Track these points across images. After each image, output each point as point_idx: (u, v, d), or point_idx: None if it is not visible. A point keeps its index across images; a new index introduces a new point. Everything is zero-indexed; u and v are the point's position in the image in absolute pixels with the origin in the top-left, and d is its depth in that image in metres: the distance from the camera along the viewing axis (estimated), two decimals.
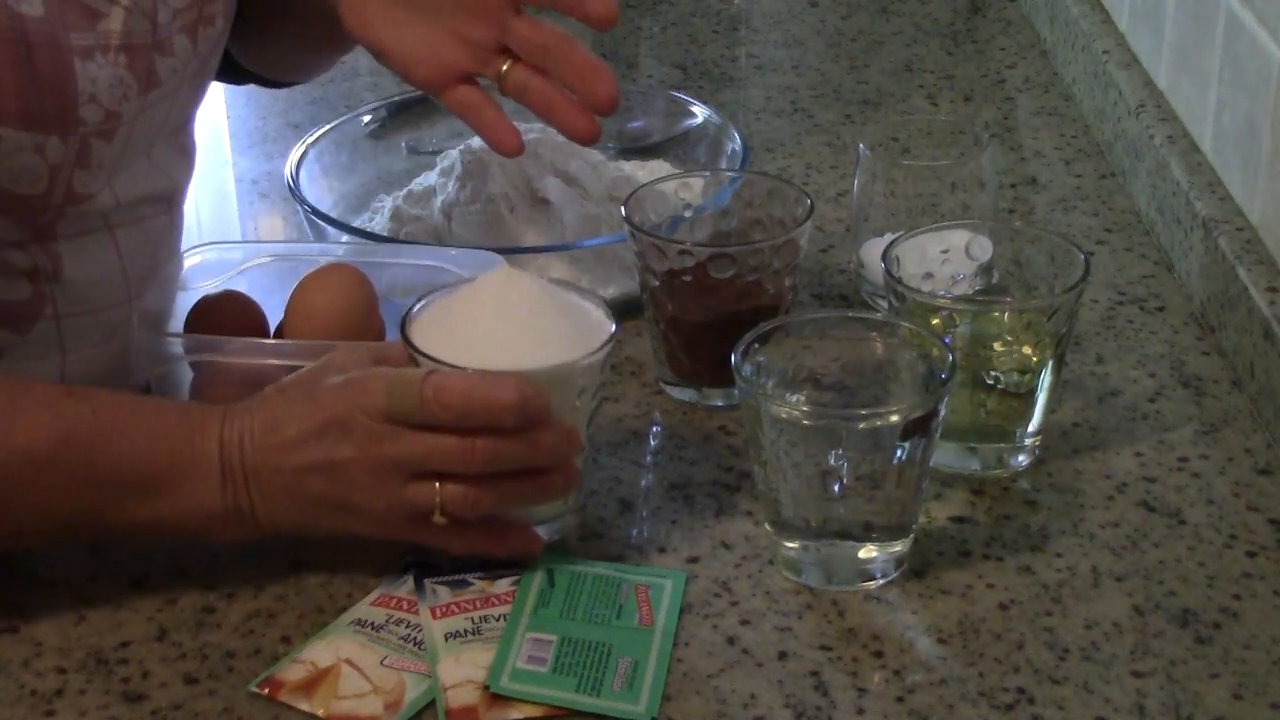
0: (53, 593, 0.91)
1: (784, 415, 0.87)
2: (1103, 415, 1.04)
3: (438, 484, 0.86)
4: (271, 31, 1.12)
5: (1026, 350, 0.97)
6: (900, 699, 0.83)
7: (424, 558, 0.92)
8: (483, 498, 0.87)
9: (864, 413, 0.88)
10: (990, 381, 0.97)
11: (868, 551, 0.89)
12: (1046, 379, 0.97)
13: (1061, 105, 1.45)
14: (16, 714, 0.84)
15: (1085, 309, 1.14)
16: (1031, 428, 0.99)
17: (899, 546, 0.90)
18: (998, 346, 0.97)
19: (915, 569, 0.91)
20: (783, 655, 0.86)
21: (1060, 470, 0.99)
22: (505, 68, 1.03)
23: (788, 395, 0.92)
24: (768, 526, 0.92)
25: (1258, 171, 1.08)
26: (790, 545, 0.90)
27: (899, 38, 1.59)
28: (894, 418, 0.85)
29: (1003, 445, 0.99)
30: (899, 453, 0.86)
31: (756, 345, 0.91)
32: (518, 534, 0.91)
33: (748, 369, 0.89)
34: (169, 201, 1.02)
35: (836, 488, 0.87)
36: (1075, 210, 1.28)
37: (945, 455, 0.98)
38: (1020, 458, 0.99)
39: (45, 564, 0.93)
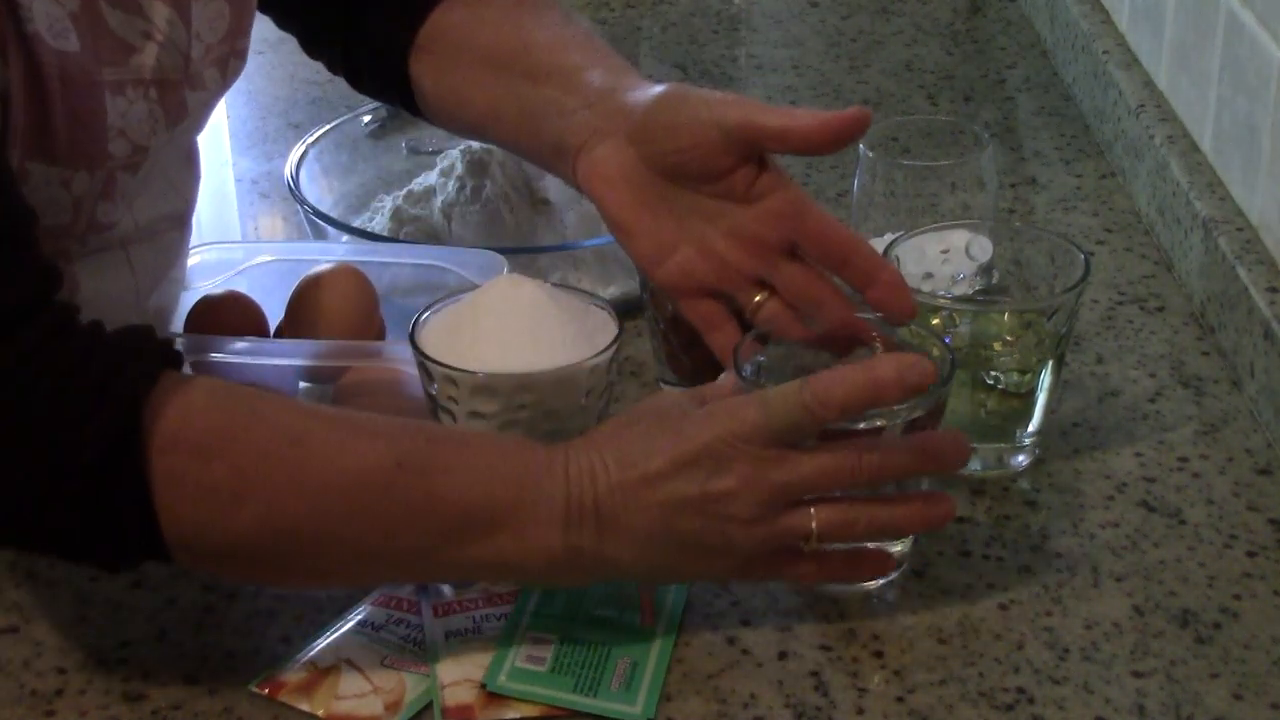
0: (53, 593, 0.91)
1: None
2: (1103, 415, 1.04)
3: (812, 509, 0.81)
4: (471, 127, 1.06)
5: (1026, 350, 0.97)
6: (900, 699, 0.83)
7: None
8: (858, 521, 0.82)
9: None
10: (990, 381, 0.97)
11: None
12: (1046, 379, 0.97)
13: (1061, 105, 1.46)
14: (16, 714, 0.84)
15: (1085, 309, 1.14)
16: (1031, 428, 0.99)
17: (899, 547, 0.90)
18: (998, 346, 0.97)
19: (915, 569, 0.91)
20: (783, 655, 0.86)
21: (1060, 470, 0.99)
22: (758, 298, 0.94)
23: None
24: None
25: (1258, 171, 1.08)
26: None
27: (899, 38, 1.59)
28: (894, 419, 0.85)
29: (1003, 445, 0.99)
30: None
31: (756, 345, 0.91)
32: (872, 558, 0.88)
33: (748, 369, 0.89)
34: (181, 217, 1.02)
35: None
36: (1075, 210, 1.28)
37: None
38: (1020, 458, 0.99)
39: (45, 564, 0.93)
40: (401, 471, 0.80)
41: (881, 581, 0.90)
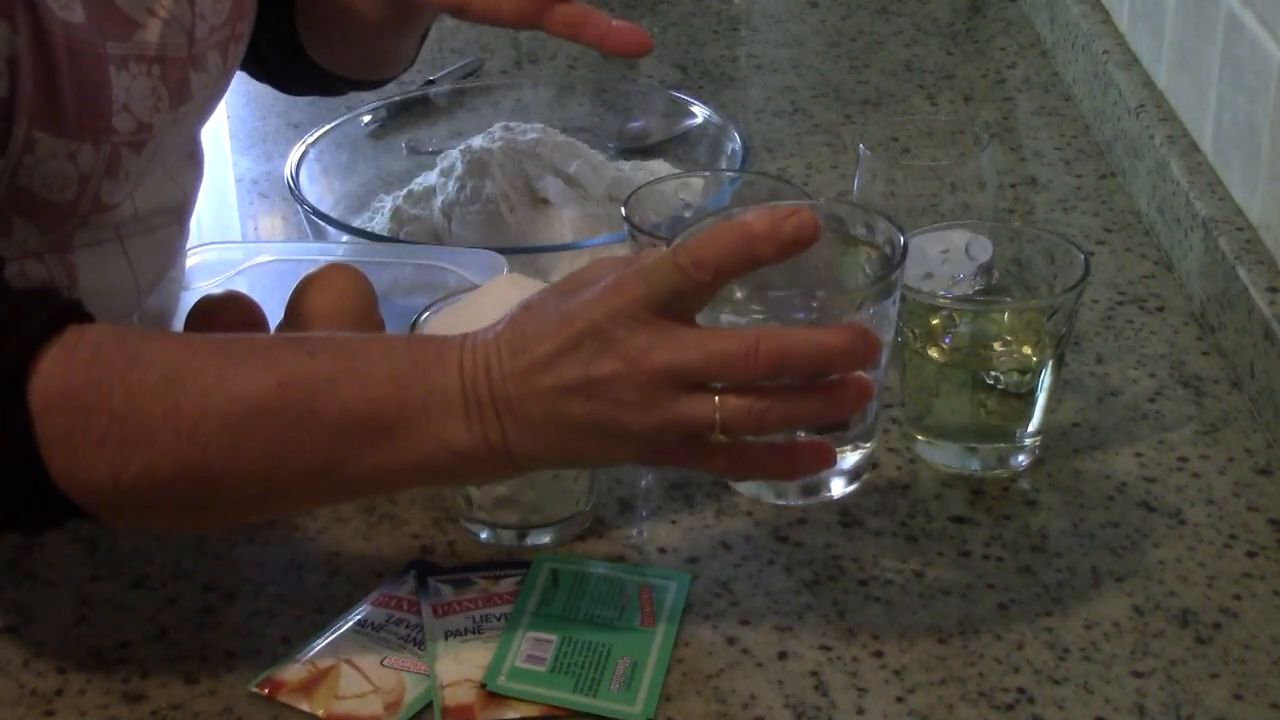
0: (53, 593, 0.91)
1: (743, 324, 0.82)
2: (1103, 415, 1.04)
3: (716, 397, 0.76)
4: (349, 25, 1.11)
5: (1026, 350, 0.97)
6: (900, 699, 0.83)
7: (426, 556, 0.92)
8: (769, 411, 0.76)
9: (816, 304, 0.82)
10: (990, 381, 0.97)
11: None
12: (1046, 379, 0.97)
13: (1061, 105, 1.46)
14: (16, 714, 0.84)
15: (1085, 309, 1.14)
16: (1031, 428, 0.99)
17: (868, 445, 0.85)
18: (998, 346, 0.97)
19: (916, 569, 0.91)
20: (783, 655, 0.86)
21: (1060, 470, 0.99)
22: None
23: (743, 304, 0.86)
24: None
25: (1258, 171, 1.08)
26: None
27: (899, 38, 1.59)
28: (845, 305, 0.81)
29: (1003, 445, 0.99)
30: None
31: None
32: (808, 450, 0.81)
33: None
34: (180, 212, 1.03)
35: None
36: (1075, 210, 1.28)
37: (945, 455, 0.98)
38: (1020, 458, 0.99)
39: (45, 564, 0.93)
40: (283, 391, 0.78)
41: (839, 493, 0.84)
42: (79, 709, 0.84)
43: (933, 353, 0.97)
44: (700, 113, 1.31)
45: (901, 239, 0.84)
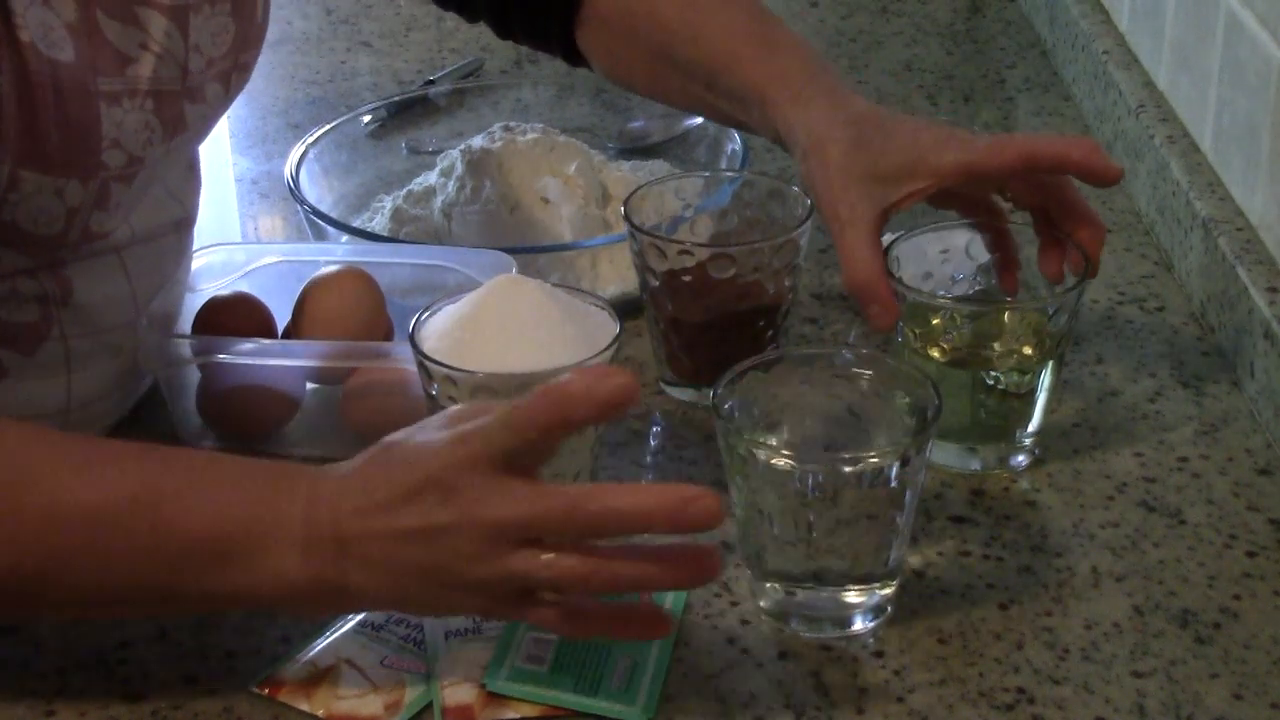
0: None
1: (763, 457, 0.84)
2: (1103, 415, 1.04)
3: (548, 555, 0.77)
4: (664, 88, 1.13)
5: (1026, 350, 0.97)
6: (900, 699, 0.83)
7: None
8: (598, 573, 0.77)
9: (846, 456, 0.84)
10: (990, 382, 0.97)
11: (850, 597, 0.87)
12: (1047, 379, 0.97)
13: (1061, 105, 1.45)
14: (16, 714, 0.84)
15: (1085, 309, 1.14)
16: (1032, 428, 0.99)
17: (886, 591, 0.88)
18: (997, 346, 0.97)
19: (916, 569, 0.91)
20: (783, 655, 0.86)
21: (1060, 470, 0.99)
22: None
23: (767, 437, 0.88)
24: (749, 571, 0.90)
25: (1258, 171, 1.08)
26: (774, 589, 0.88)
27: (899, 38, 1.59)
28: (876, 460, 0.84)
29: (1003, 445, 0.99)
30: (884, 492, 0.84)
31: (734, 382, 0.88)
32: (645, 615, 0.82)
33: (728, 407, 0.87)
34: (180, 224, 1.02)
35: (816, 533, 0.84)
36: None
37: (945, 455, 0.98)
38: (1020, 458, 0.99)
39: None
40: (134, 504, 0.78)
41: (865, 628, 0.86)
42: (79, 709, 0.84)
43: (933, 353, 0.97)
44: None
45: (937, 400, 0.86)
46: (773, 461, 0.84)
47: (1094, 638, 0.87)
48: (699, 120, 1.30)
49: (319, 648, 0.86)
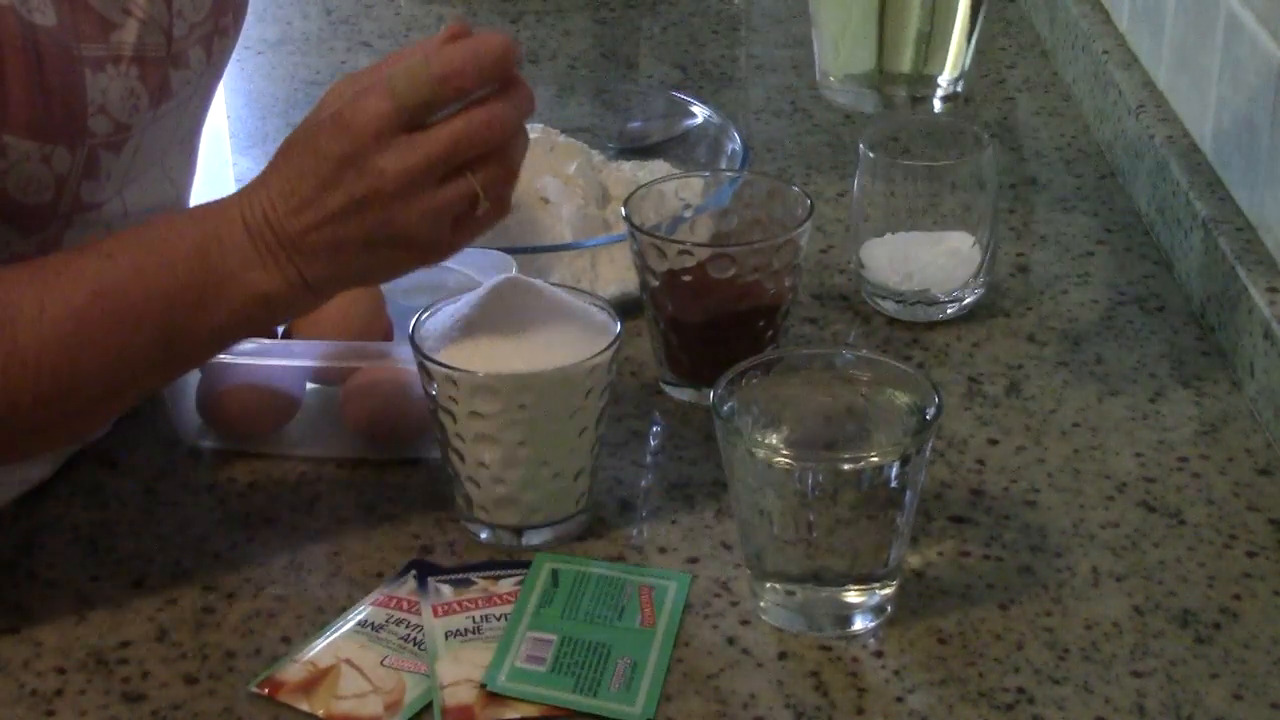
0: (53, 593, 0.91)
1: (763, 457, 0.84)
2: (1103, 415, 1.04)
3: (469, 174, 0.85)
4: None
5: None
6: (900, 699, 0.83)
7: (426, 556, 0.93)
8: (507, 164, 0.87)
9: (846, 456, 0.85)
10: None
11: (850, 597, 0.87)
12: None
13: (1061, 105, 1.46)
14: (16, 714, 0.84)
15: (1085, 309, 1.14)
16: (946, 69, 0.93)
17: (886, 591, 0.88)
18: None
19: (916, 569, 0.91)
20: (783, 655, 0.86)
21: (1060, 470, 0.99)
22: None
23: (767, 437, 0.88)
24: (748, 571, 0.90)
25: (1258, 171, 1.08)
26: (774, 589, 0.88)
27: None
28: (876, 460, 0.84)
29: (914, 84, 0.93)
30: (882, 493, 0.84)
31: (734, 382, 0.88)
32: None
33: (728, 407, 0.87)
34: (173, 209, 1.02)
35: (816, 533, 0.85)
36: (1075, 210, 1.28)
37: (846, 96, 0.93)
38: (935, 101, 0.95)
39: (45, 564, 0.93)
40: (99, 299, 0.84)
41: (867, 626, 0.87)
42: (79, 709, 0.84)
43: None
44: (700, 113, 1.30)
45: (937, 398, 0.86)
46: (773, 461, 0.84)
47: (1094, 638, 0.87)
48: (699, 120, 1.30)
49: (319, 648, 0.86)
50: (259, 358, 1.00)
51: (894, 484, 0.84)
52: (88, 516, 0.97)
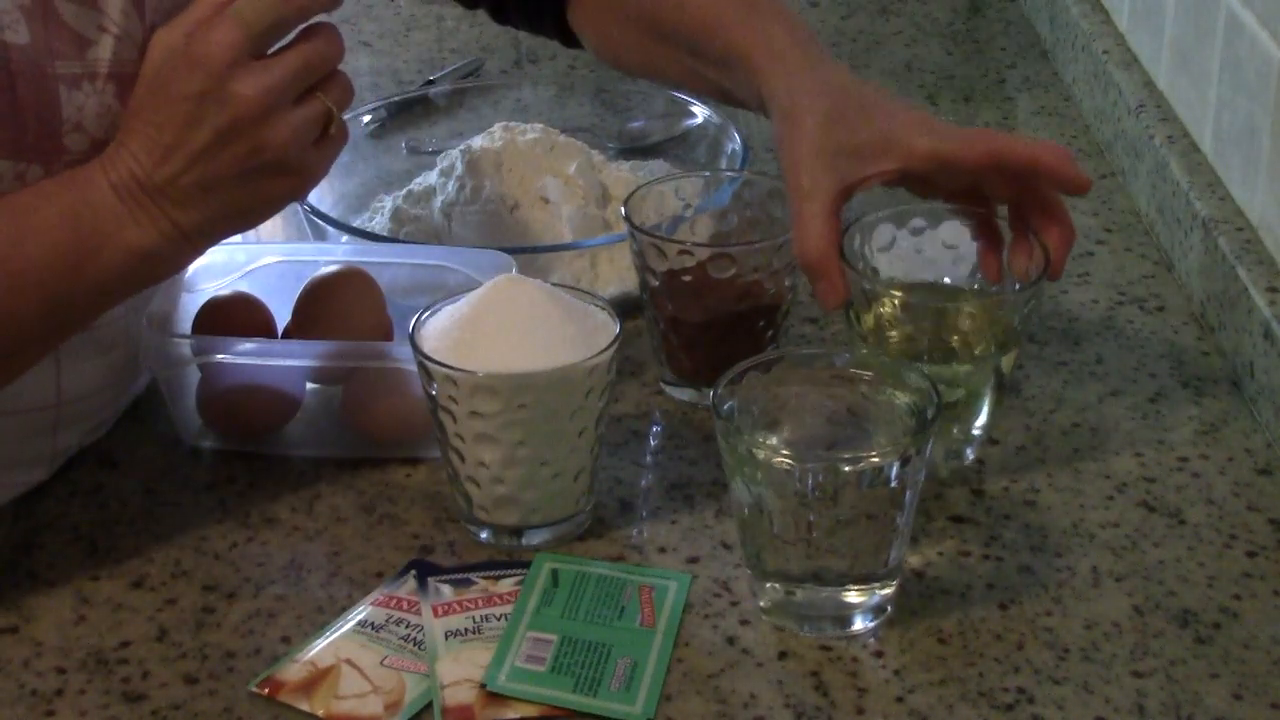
0: (53, 593, 0.91)
1: (763, 457, 0.84)
2: (1103, 415, 1.04)
3: (318, 94, 0.88)
4: (652, 65, 1.13)
5: (978, 349, 0.96)
6: (900, 699, 0.83)
7: (426, 556, 0.93)
8: (345, 83, 0.90)
9: (846, 456, 0.85)
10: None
11: (850, 597, 0.87)
12: (991, 380, 0.96)
13: (1061, 105, 1.46)
14: (16, 714, 0.84)
15: (1085, 309, 1.14)
16: (977, 427, 0.97)
17: (886, 591, 0.88)
18: (948, 340, 0.96)
19: (916, 569, 0.91)
20: (783, 655, 0.86)
21: (1060, 470, 0.99)
22: None
23: (767, 437, 0.89)
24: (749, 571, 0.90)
25: (1258, 171, 1.08)
26: (774, 589, 0.88)
27: (899, 38, 1.59)
28: (876, 460, 0.84)
29: (945, 441, 0.97)
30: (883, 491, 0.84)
31: (734, 382, 0.88)
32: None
33: (728, 407, 0.87)
34: None
35: (816, 533, 0.85)
36: (1075, 210, 1.27)
37: None
38: (969, 451, 0.99)
39: (45, 564, 0.93)
40: None
41: (866, 626, 0.88)
42: (79, 709, 0.84)
43: (889, 335, 0.96)
44: (700, 113, 1.31)
45: (936, 396, 0.86)
46: (773, 461, 0.84)
47: (1094, 638, 0.87)
48: (699, 120, 1.30)
49: (319, 648, 0.86)
50: (259, 358, 1.00)
51: (894, 484, 0.84)
52: (88, 516, 0.97)
